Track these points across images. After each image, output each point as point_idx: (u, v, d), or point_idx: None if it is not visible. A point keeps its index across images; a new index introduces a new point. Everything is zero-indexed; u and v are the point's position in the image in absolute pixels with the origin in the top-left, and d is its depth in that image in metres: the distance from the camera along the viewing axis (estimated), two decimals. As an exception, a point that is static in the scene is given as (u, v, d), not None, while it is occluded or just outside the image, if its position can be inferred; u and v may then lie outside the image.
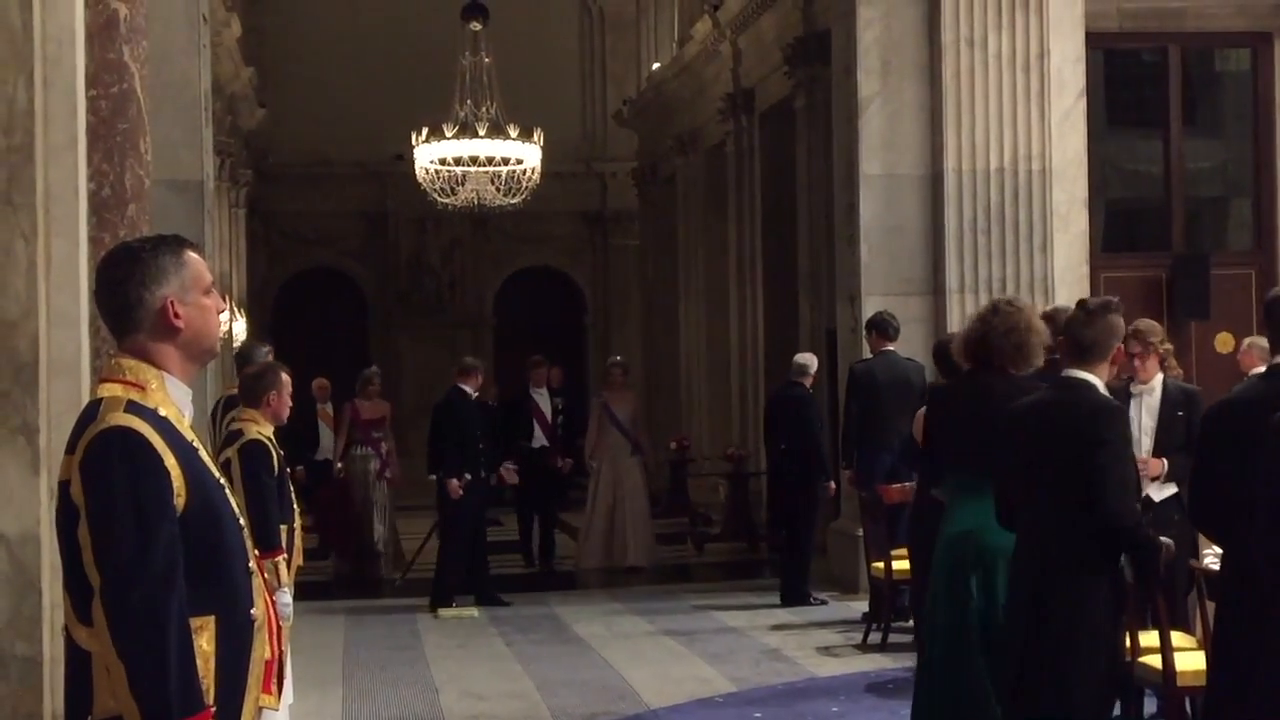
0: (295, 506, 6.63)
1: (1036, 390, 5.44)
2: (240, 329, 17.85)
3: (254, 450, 6.25)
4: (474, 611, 11.52)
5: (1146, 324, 7.41)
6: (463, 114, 18.46)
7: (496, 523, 14.22)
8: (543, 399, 14.24)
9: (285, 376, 6.65)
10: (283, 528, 6.33)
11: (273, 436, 6.47)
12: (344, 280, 26.07)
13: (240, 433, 6.37)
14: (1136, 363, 7.12)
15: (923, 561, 6.82)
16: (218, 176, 17.55)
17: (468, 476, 11.57)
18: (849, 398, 10.80)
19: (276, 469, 6.36)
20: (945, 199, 11.32)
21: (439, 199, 19.36)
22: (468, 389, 11.93)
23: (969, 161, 11.33)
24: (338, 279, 25.94)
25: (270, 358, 10.56)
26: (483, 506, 12.14)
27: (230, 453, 6.28)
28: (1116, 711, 5.63)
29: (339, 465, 13.53)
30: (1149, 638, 6.07)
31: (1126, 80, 13.55)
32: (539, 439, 14.06)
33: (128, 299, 2.92)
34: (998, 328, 5.70)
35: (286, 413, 6.65)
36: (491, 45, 19.00)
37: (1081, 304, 5.33)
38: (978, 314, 5.98)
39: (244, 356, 10.31)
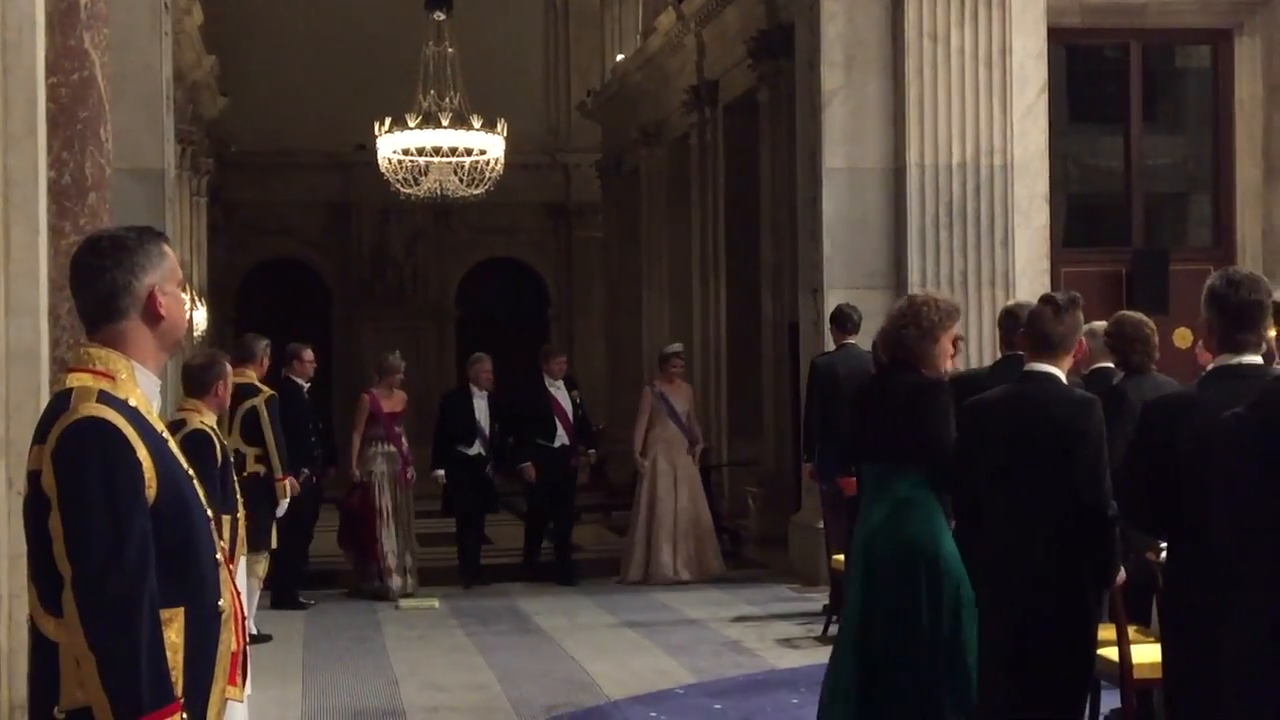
0: (238, 498, 6.61)
1: (940, 387, 5.54)
2: (201, 318, 17.77)
3: (198, 440, 6.22)
4: (434, 602, 11.52)
5: None
6: (426, 104, 18.41)
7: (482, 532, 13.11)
8: (560, 392, 12.84)
9: (228, 367, 6.75)
10: (225, 518, 6.30)
11: (215, 426, 6.49)
12: (306, 271, 25.97)
13: (183, 422, 6.34)
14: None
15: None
16: (179, 165, 17.45)
17: (304, 471, 10.78)
18: (810, 391, 10.83)
19: (220, 459, 6.34)
20: (908, 193, 11.36)
21: (402, 189, 19.31)
22: (299, 379, 11.34)
23: (931, 156, 11.38)
24: (300, 269, 25.84)
25: (269, 351, 10.49)
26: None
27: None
28: None
29: (356, 467, 11.94)
30: (1105, 631, 6.12)
31: (1088, 76, 13.62)
32: (561, 437, 12.72)
33: (114, 286, 2.93)
34: (911, 326, 5.67)
35: (228, 402, 6.74)
36: (455, 35, 18.94)
37: (1048, 299, 5.38)
38: (895, 310, 5.92)
39: (246, 348, 10.30)
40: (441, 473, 12.62)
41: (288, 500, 9.85)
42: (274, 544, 9.45)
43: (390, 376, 12.16)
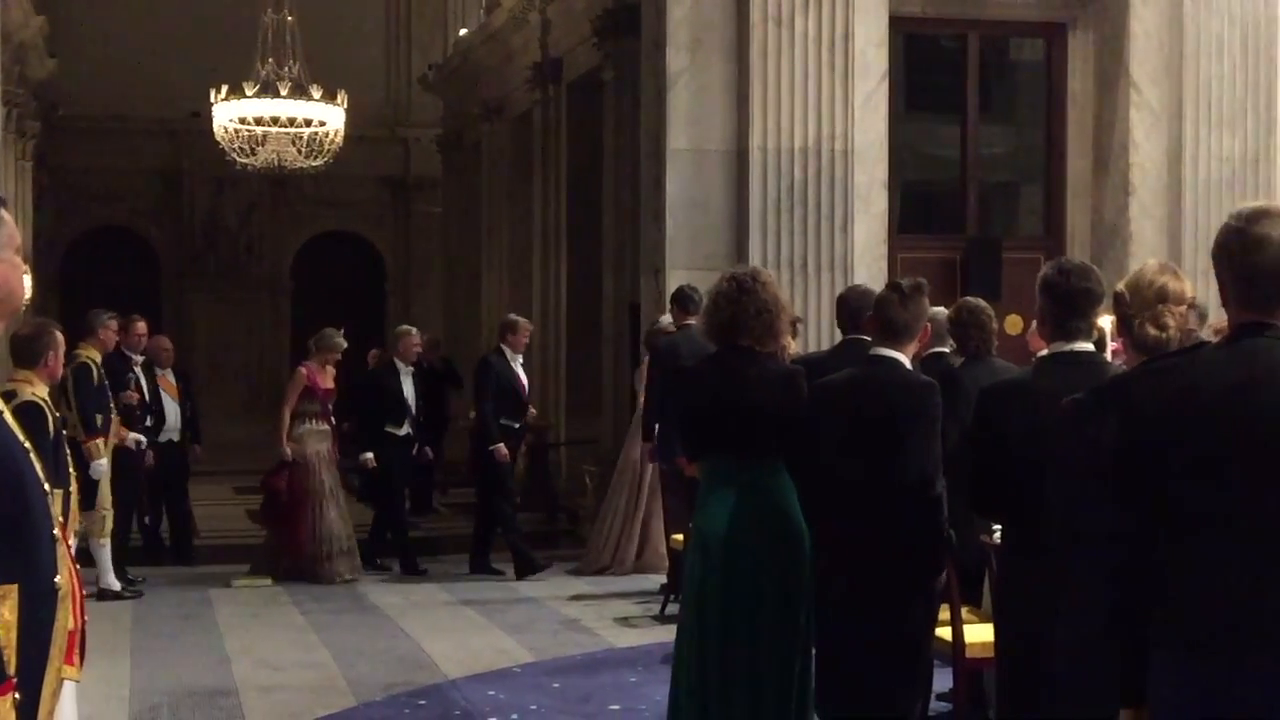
0: (71, 472, 6.43)
1: (782, 369, 5.55)
2: (25, 286, 17.25)
3: (29, 412, 6.03)
4: (268, 580, 11.33)
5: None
6: (264, 73, 18.05)
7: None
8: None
9: (59, 336, 6.55)
10: (57, 493, 6.12)
11: (47, 398, 6.30)
12: (136, 240, 25.36)
13: (14, 393, 6.15)
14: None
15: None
16: (4, 128, 16.94)
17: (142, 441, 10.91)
18: (650, 371, 10.85)
19: (52, 431, 6.16)
20: (750, 176, 11.45)
21: (238, 159, 18.93)
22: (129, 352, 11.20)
23: (774, 140, 11.47)
24: (129, 238, 25.23)
25: (113, 323, 10.44)
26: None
27: None
28: None
29: (285, 445, 11.28)
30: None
31: (926, 65, 13.83)
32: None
33: None
34: (748, 308, 5.48)
35: (60, 372, 6.59)
36: (295, 3, 18.60)
37: (894, 286, 5.45)
38: (721, 292, 5.56)
39: (93, 319, 10.27)
40: (371, 455, 11.81)
41: (103, 461, 10.11)
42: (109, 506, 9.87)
43: (328, 353, 11.55)
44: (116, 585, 10.50)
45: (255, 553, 12.00)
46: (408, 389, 12.00)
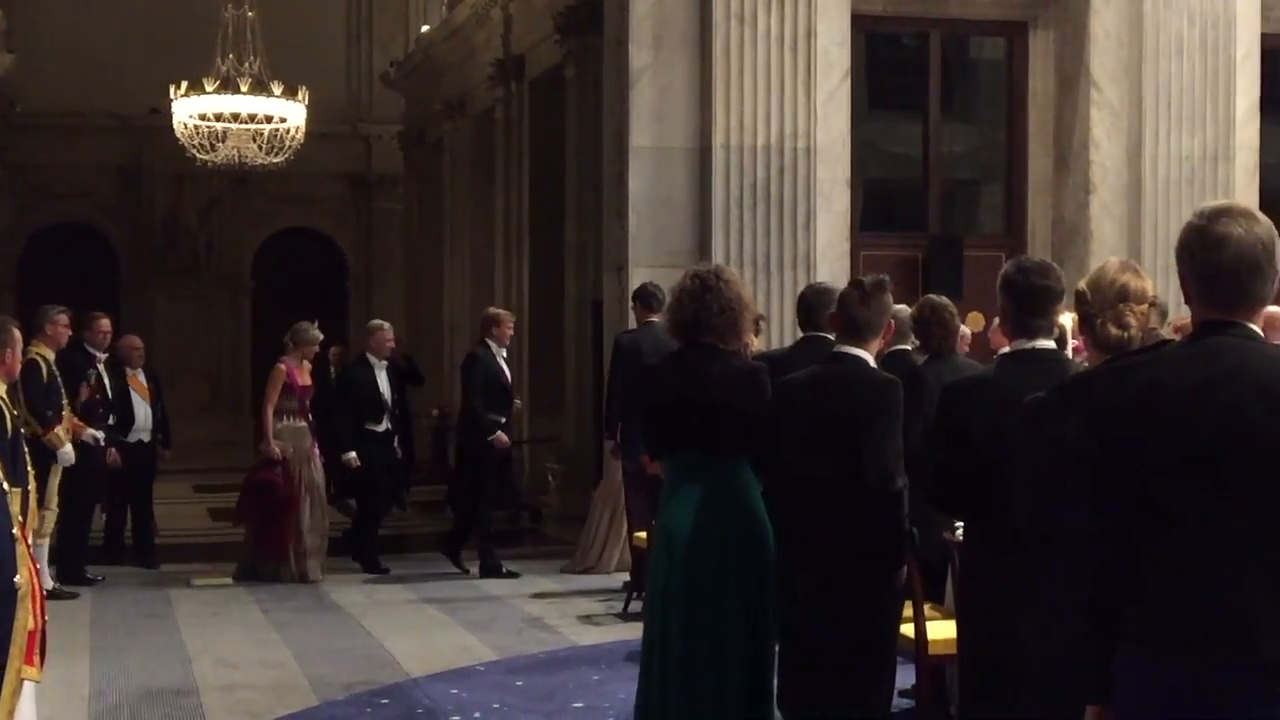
0: (30, 470, 6.39)
1: (745, 366, 5.54)
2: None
3: None
4: (227, 579, 11.27)
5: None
6: (224, 68, 17.98)
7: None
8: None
9: (17, 333, 6.50)
10: (16, 491, 6.07)
11: (4, 396, 6.25)
12: (95, 237, 25.20)
13: None
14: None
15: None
16: (-39, 124, 16.78)
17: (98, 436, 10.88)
18: (613, 368, 10.84)
19: (10, 430, 6.11)
20: (713, 174, 11.45)
21: (198, 155, 18.84)
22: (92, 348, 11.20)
23: (737, 137, 11.48)
24: (89, 235, 25.07)
25: (63, 319, 10.37)
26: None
27: None
28: None
29: (273, 443, 11.13)
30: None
31: (888, 64, 13.87)
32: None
33: None
34: (711, 306, 5.48)
35: (18, 370, 6.56)
36: (256, -1, 18.55)
37: (856, 284, 5.46)
38: (684, 290, 5.56)
39: (42, 316, 10.23)
40: (354, 455, 11.59)
41: (68, 447, 10.22)
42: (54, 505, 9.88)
43: (305, 347, 11.40)
44: (51, 584, 10.33)
45: (227, 552, 11.94)
46: (383, 384, 11.86)
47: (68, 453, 10.20)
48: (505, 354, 11.69)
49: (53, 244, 24.44)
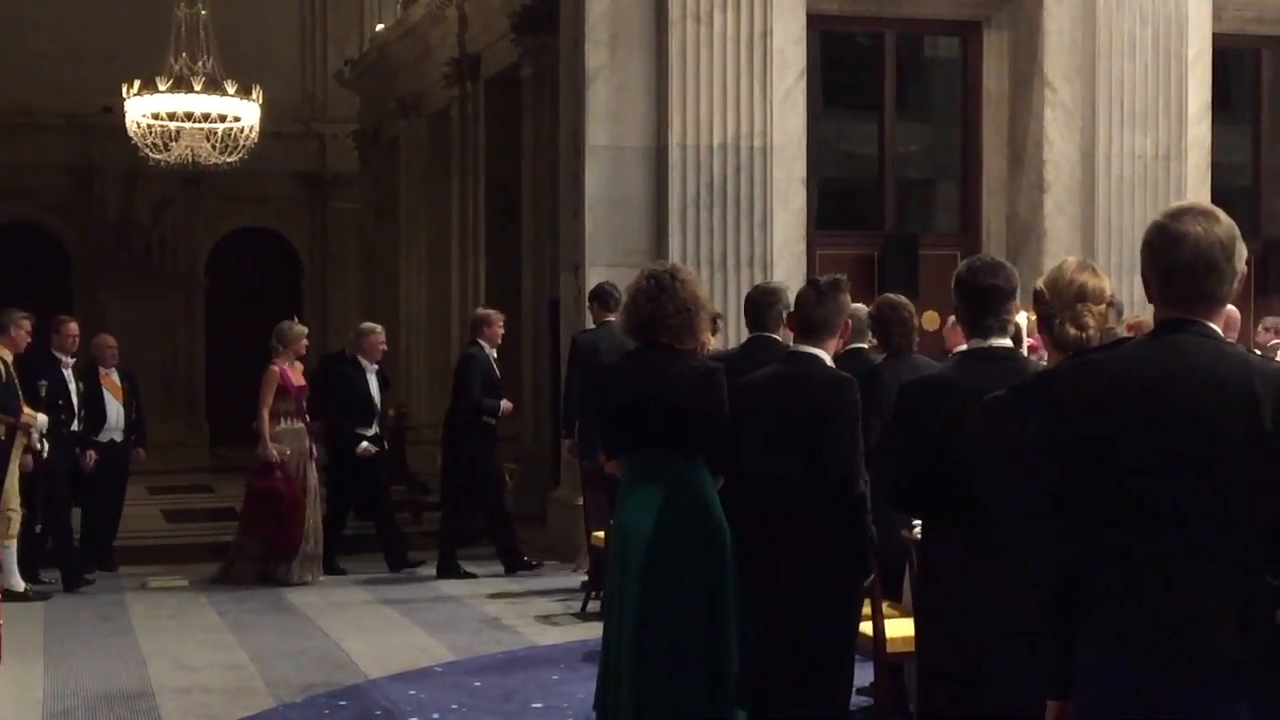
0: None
1: (702, 367, 5.54)
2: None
3: None
4: (183, 581, 11.20)
5: None
6: (177, 67, 17.83)
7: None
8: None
9: None
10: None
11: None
12: (46, 237, 24.97)
13: None
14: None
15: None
16: (-91, 122, 16.60)
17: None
18: (571, 367, 10.85)
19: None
20: (669, 173, 11.45)
21: (151, 155, 18.67)
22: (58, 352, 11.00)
23: (693, 136, 11.49)
24: (39, 235, 24.83)
25: (26, 324, 10.29)
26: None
27: None
28: None
29: (270, 446, 10.98)
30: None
31: (843, 62, 13.91)
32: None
33: None
34: (667, 306, 5.49)
35: None
36: (209, -4, 18.41)
37: (812, 283, 5.47)
38: (640, 290, 5.56)
39: (5, 319, 10.12)
40: (367, 444, 11.56)
41: (43, 418, 10.32)
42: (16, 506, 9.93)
43: (295, 345, 11.22)
44: (20, 586, 10.31)
45: (182, 554, 11.85)
46: (374, 388, 11.77)
47: (43, 422, 10.28)
48: (495, 354, 11.69)
49: (3, 244, 24.21)
